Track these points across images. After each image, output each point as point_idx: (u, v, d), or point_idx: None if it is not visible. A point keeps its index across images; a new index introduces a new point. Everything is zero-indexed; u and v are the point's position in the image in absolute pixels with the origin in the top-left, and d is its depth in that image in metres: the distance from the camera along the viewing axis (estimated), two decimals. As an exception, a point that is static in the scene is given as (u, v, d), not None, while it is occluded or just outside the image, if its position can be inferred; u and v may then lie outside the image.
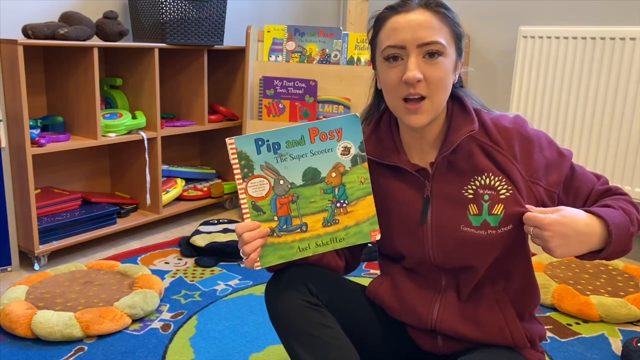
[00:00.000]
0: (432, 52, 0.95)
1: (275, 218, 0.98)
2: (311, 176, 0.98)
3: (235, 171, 0.96)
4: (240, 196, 0.97)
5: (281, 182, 0.97)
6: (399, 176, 1.05)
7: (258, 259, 0.99)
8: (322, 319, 1.03)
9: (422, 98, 0.96)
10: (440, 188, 1.02)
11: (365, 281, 1.21)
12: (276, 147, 0.96)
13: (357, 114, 0.98)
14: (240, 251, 0.98)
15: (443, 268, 1.04)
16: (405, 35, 0.95)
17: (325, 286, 1.07)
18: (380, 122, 1.09)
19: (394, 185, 1.06)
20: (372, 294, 1.14)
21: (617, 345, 1.60)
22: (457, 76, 1.03)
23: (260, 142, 0.95)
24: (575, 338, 1.64)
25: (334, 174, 0.98)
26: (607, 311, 1.72)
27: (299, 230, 0.99)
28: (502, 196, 0.98)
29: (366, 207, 1.00)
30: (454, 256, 1.01)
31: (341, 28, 2.52)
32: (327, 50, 2.49)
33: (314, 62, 2.51)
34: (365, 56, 2.47)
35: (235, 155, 0.95)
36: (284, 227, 0.99)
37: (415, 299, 1.06)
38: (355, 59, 2.47)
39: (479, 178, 0.99)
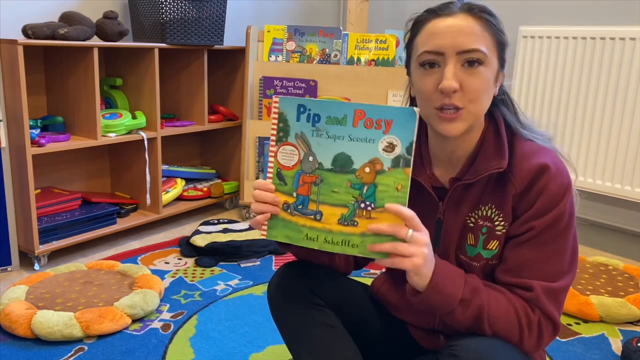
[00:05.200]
0: (472, 61, 0.89)
1: (294, 194, 0.90)
2: (342, 163, 0.86)
3: (272, 132, 0.90)
4: (269, 159, 0.90)
5: (310, 158, 0.88)
6: (416, 188, 1.00)
7: (265, 228, 0.92)
8: (325, 319, 1.03)
9: (458, 109, 0.90)
10: (452, 211, 0.99)
11: (365, 281, 1.21)
12: (316, 119, 0.87)
13: (416, 109, 0.83)
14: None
15: None
16: (444, 40, 0.89)
17: (328, 286, 1.07)
18: None
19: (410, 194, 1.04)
20: (375, 290, 1.14)
21: (617, 345, 1.60)
22: (497, 88, 0.96)
23: (302, 109, 0.87)
24: (575, 338, 1.64)
25: (367, 169, 0.85)
26: (607, 311, 1.72)
27: (312, 216, 0.89)
28: (498, 232, 0.95)
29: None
30: None
31: (341, 28, 2.52)
32: (327, 50, 2.49)
33: (314, 62, 2.51)
34: (365, 56, 2.47)
35: (277, 116, 0.89)
36: (299, 207, 0.90)
37: None
38: (355, 59, 2.47)
39: (483, 208, 0.96)
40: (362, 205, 0.86)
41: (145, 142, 2.30)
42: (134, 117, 2.28)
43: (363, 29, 2.97)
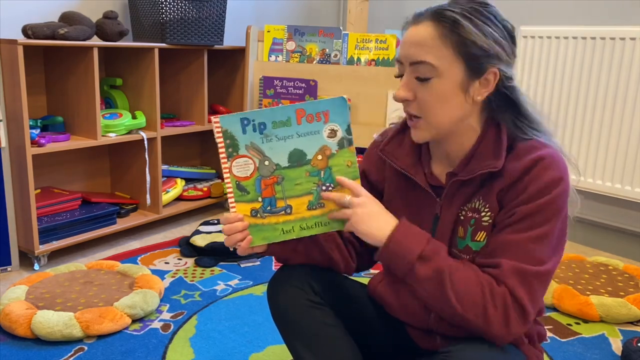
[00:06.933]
0: (418, 74, 0.91)
1: (260, 199, 0.97)
2: (297, 158, 0.96)
3: (220, 150, 0.95)
4: (225, 176, 0.96)
5: (266, 162, 0.96)
6: (413, 187, 1.03)
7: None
8: (325, 318, 1.03)
9: (417, 117, 0.94)
10: (448, 207, 0.99)
11: (365, 281, 1.21)
12: (262, 127, 0.94)
13: (345, 96, 0.96)
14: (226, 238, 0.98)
15: None
16: (402, 50, 0.93)
17: (328, 285, 1.07)
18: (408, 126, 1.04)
19: (407, 191, 1.04)
20: (372, 289, 1.14)
21: (617, 345, 1.60)
22: (478, 96, 0.93)
23: (245, 122, 0.94)
24: (575, 338, 1.64)
25: (319, 157, 0.96)
26: (607, 311, 1.72)
27: (283, 212, 0.97)
28: (485, 223, 0.95)
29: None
30: None
31: (341, 28, 2.52)
32: (327, 50, 2.49)
33: (314, 62, 2.51)
34: (365, 56, 2.47)
35: (220, 134, 0.94)
36: (268, 208, 0.97)
37: (413, 298, 1.06)
38: (355, 59, 2.47)
39: (474, 201, 0.97)
40: (324, 187, 0.98)
41: (145, 142, 2.30)
42: (134, 117, 2.28)
43: (363, 29, 2.97)
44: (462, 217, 0.98)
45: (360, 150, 2.66)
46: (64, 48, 2.08)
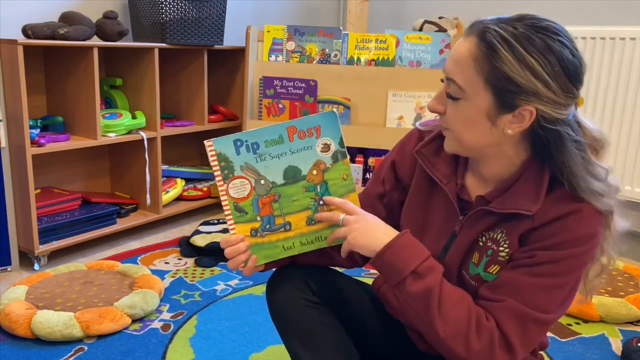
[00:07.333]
0: (449, 91, 0.88)
1: (258, 218, 0.97)
2: (292, 175, 0.96)
3: (216, 173, 0.95)
4: (222, 198, 0.96)
5: (262, 182, 0.96)
6: (440, 193, 1.00)
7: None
8: (322, 318, 1.03)
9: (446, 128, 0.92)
10: (468, 228, 0.96)
11: (365, 281, 1.21)
12: (255, 147, 0.95)
13: (335, 110, 0.96)
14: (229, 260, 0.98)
15: None
16: (446, 63, 0.90)
17: (326, 284, 1.07)
18: None
19: (432, 198, 1.02)
20: (376, 289, 1.14)
21: (617, 345, 1.60)
22: (508, 130, 0.86)
23: (239, 143, 0.95)
24: (575, 338, 1.64)
25: (315, 172, 0.97)
26: (607, 311, 1.72)
27: (282, 229, 0.98)
28: (501, 258, 0.92)
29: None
30: None
31: (341, 28, 2.52)
32: (327, 50, 2.49)
33: (314, 62, 2.51)
34: (365, 56, 2.47)
35: (215, 157, 0.95)
36: (267, 226, 0.98)
37: None
38: (355, 59, 2.47)
39: (497, 230, 0.93)
40: (321, 202, 0.98)
41: (145, 142, 2.30)
42: (133, 117, 2.28)
43: (363, 29, 2.97)
44: (480, 244, 0.95)
45: (361, 150, 2.66)
46: (64, 48, 2.08)
